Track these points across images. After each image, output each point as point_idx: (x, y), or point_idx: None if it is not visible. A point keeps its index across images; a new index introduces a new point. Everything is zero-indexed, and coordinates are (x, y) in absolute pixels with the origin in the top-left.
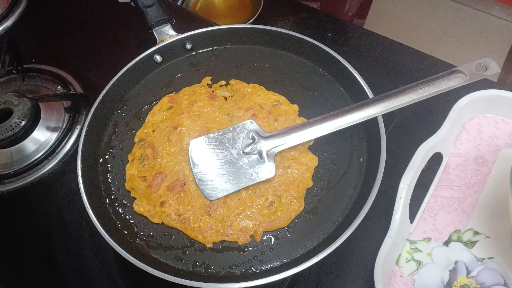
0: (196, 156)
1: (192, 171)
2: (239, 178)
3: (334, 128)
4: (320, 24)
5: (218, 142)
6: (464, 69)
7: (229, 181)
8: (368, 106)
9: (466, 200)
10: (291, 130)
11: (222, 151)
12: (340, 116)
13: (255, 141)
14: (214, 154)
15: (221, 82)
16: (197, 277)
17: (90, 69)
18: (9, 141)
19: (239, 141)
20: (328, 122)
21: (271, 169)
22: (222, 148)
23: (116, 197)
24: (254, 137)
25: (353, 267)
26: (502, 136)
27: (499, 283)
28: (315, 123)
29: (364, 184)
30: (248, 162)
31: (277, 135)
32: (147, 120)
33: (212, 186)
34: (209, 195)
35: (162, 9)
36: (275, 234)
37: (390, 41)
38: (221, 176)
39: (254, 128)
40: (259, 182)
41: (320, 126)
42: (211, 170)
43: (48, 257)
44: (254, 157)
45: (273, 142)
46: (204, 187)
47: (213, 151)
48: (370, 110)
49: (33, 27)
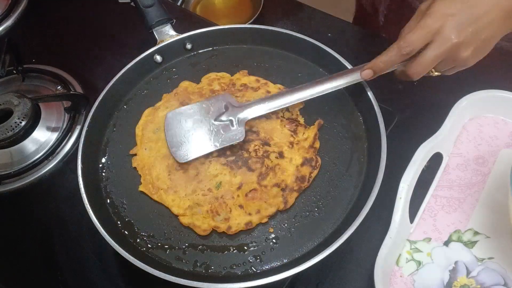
0: (171, 125)
1: (166, 139)
2: (210, 142)
3: (301, 99)
4: (320, 24)
5: (193, 112)
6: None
7: (200, 145)
8: (337, 78)
9: (466, 200)
10: (261, 100)
11: (196, 120)
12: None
13: (228, 110)
14: (188, 123)
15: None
16: (197, 277)
17: (90, 69)
18: (9, 141)
19: (213, 111)
20: (298, 93)
21: (241, 133)
22: (197, 117)
23: (116, 197)
24: (227, 107)
25: (353, 267)
26: (502, 136)
27: (499, 283)
28: (285, 93)
29: (365, 184)
30: (220, 128)
31: (249, 104)
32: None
33: (183, 150)
34: (180, 158)
35: (162, 9)
36: (275, 235)
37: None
38: (192, 140)
39: (228, 99)
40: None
41: (291, 96)
42: (183, 137)
43: (48, 257)
44: (226, 123)
45: (245, 110)
46: (176, 151)
47: (187, 119)
48: (338, 81)
49: (33, 27)
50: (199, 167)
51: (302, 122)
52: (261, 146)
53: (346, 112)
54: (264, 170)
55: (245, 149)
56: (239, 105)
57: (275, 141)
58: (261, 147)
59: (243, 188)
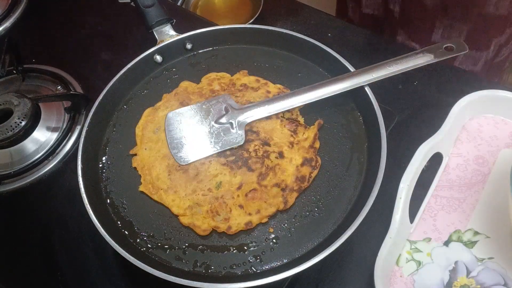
0: (171, 126)
1: (167, 140)
2: (211, 145)
3: (302, 102)
4: (320, 24)
5: (193, 113)
6: (433, 49)
7: (200, 147)
8: (337, 82)
9: (466, 200)
10: (261, 103)
11: (197, 121)
12: (309, 91)
13: (228, 113)
14: (188, 124)
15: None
16: (197, 277)
17: (90, 69)
18: (9, 141)
19: (213, 113)
20: (298, 96)
21: (241, 137)
22: (197, 119)
23: (116, 197)
24: (228, 109)
25: (353, 267)
26: (502, 136)
27: (499, 283)
28: (286, 96)
29: (365, 184)
30: (220, 130)
31: (249, 107)
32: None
33: (184, 152)
34: (181, 161)
35: (162, 9)
36: (275, 235)
37: (390, 42)
38: (193, 143)
39: (228, 101)
40: (231, 149)
41: (291, 99)
42: (184, 138)
43: (48, 257)
44: (226, 126)
45: (245, 113)
46: (177, 153)
47: (187, 121)
48: (338, 86)
49: (33, 27)
50: (199, 167)
51: (302, 122)
52: (261, 146)
53: (346, 112)
54: (264, 170)
55: (245, 149)
56: (239, 107)
57: (275, 141)
58: (261, 147)
59: (243, 188)
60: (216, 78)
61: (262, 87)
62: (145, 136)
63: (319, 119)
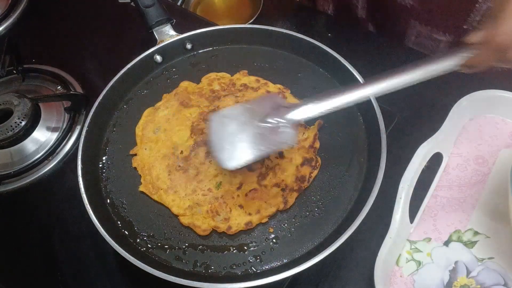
0: (215, 127)
1: (209, 143)
2: (259, 147)
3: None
4: (320, 24)
5: (237, 113)
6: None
7: (248, 150)
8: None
9: (466, 200)
10: (313, 100)
11: (242, 122)
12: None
13: (275, 111)
14: (233, 125)
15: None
16: (197, 277)
17: (90, 69)
18: (9, 141)
19: (258, 112)
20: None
21: (292, 138)
22: (241, 119)
23: (116, 197)
24: (275, 108)
25: (353, 267)
26: (502, 136)
27: (499, 283)
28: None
29: (365, 184)
30: (267, 131)
31: (299, 105)
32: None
33: (229, 155)
34: (227, 165)
35: (162, 9)
36: (275, 235)
37: (390, 41)
38: (239, 145)
39: (275, 99)
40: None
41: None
42: (229, 140)
43: (48, 257)
44: (275, 126)
45: (295, 112)
46: (222, 156)
47: (231, 122)
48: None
49: (33, 27)
50: (199, 167)
51: (302, 122)
52: None
53: (346, 112)
54: (264, 170)
55: None
56: (289, 105)
57: None
58: None
59: (243, 188)
60: (216, 78)
61: (262, 87)
62: (145, 136)
63: (319, 119)
